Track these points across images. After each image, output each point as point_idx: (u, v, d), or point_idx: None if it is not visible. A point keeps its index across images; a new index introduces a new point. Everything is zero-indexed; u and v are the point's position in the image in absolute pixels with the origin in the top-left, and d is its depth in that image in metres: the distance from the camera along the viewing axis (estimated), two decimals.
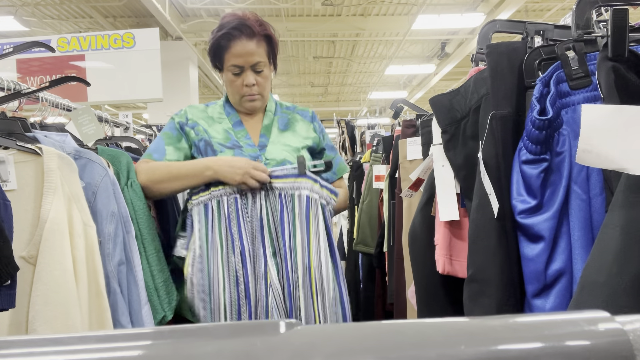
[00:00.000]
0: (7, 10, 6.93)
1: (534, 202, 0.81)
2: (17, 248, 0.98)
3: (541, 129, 0.79)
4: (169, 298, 1.40)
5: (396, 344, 0.24)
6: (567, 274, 0.79)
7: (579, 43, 0.82)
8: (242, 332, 0.26)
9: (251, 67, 1.50)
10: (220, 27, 1.49)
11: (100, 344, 0.25)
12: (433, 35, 8.87)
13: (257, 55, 1.48)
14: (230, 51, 1.47)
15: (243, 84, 1.51)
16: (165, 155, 1.49)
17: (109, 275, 1.20)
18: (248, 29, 1.46)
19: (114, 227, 1.23)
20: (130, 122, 2.51)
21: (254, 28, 1.46)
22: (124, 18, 7.85)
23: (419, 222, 1.17)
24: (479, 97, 0.97)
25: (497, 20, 1.16)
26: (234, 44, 1.46)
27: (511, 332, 0.25)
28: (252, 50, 1.47)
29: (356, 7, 7.70)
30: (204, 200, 1.43)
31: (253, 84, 1.51)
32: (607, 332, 0.25)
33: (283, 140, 1.56)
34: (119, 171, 1.38)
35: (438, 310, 1.11)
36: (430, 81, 11.34)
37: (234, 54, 1.47)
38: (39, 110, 1.64)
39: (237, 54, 1.47)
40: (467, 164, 1.01)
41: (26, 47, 1.33)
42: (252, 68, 1.50)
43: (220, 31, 1.47)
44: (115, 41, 3.97)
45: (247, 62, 1.48)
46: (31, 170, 1.10)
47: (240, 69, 1.50)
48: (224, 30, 1.47)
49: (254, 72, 1.51)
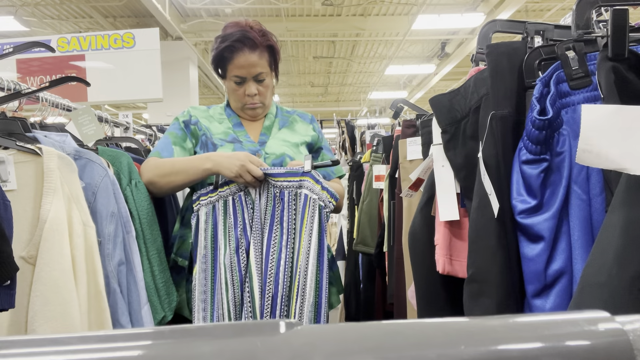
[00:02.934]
0: (7, 10, 6.93)
1: (534, 202, 0.81)
2: (16, 248, 0.98)
3: (541, 129, 0.79)
4: (169, 298, 1.40)
5: (396, 344, 0.24)
6: (567, 274, 0.79)
7: (579, 43, 0.82)
8: (242, 332, 0.26)
9: (253, 77, 1.52)
10: (223, 38, 1.50)
11: (100, 344, 0.25)
12: (433, 35, 8.87)
13: (260, 66, 1.50)
14: (233, 63, 1.49)
15: (245, 94, 1.53)
16: (173, 153, 1.50)
17: (109, 275, 1.20)
18: (250, 41, 1.47)
19: (114, 228, 1.23)
20: (130, 122, 2.50)
21: (256, 40, 1.48)
22: (124, 18, 7.85)
23: (419, 222, 1.17)
24: (479, 97, 0.97)
25: (497, 20, 1.16)
26: (237, 56, 1.48)
27: (511, 332, 0.25)
28: (254, 62, 1.49)
29: (356, 7, 7.70)
30: (212, 201, 1.43)
31: (255, 94, 1.53)
32: (607, 332, 0.25)
33: (282, 136, 1.58)
34: (119, 171, 1.38)
35: (438, 310, 1.11)
36: (430, 81, 11.34)
37: (236, 66, 1.49)
38: (39, 110, 1.64)
39: (240, 65, 1.49)
40: (467, 164, 1.01)
41: (26, 47, 1.33)
42: (254, 78, 1.52)
43: (223, 43, 1.48)
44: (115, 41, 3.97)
45: (249, 74, 1.51)
46: (31, 170, 1.10)
47: (243, 80, 1.52)
48: (227, 42, 1.48)
49: (256, 81, 1.53)
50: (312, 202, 1.39)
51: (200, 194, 1.46)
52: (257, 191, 1.42)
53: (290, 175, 1.40)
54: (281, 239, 1.38)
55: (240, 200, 1.41)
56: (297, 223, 1.38)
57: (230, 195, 1.42)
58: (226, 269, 1.37)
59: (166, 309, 1.38)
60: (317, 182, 1.40)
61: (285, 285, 1.34)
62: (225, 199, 1.42)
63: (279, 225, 1.38)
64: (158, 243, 1.40)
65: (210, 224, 1.42)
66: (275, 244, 1.37)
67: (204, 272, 1.39)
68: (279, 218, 1.39)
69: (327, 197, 1.42)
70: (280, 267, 1.35)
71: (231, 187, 1.42)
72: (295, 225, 1.38)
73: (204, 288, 1.39)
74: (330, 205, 1.43)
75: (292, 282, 1.35)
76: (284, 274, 1.35)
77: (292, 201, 1.40)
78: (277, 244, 1.37)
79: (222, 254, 1.38)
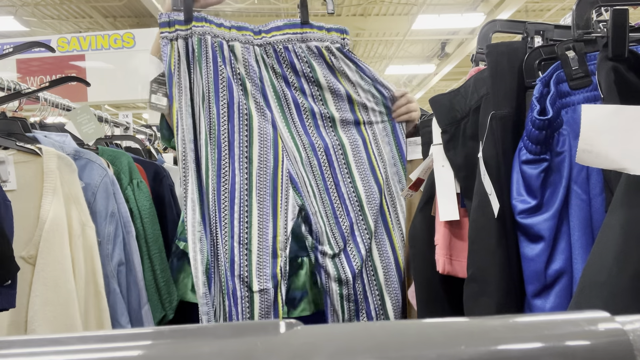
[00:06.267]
0: (7, 10, 6.93)
1: (534, 202, 0.81)
2: (16, 248, 0.98)
3: (541, 129, 0.79)
4: (170, 297, 1.40)
5: (396, 344, 0.24)
6: (567, 274, 0.79)
7: (579, 43, 0.82)
8: (242, 332, 0.26)
9: None
10: None
11: (100, 344, 0.25)
12: (433, 35, 8.86)
13: None
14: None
15: None
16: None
17: (109, 275, 1.20)
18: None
19: (114, 228, 1.24)
20: (130, 122, 2.51)
21: None
22: (124, 18, 7.85)
23: (419, 222, 1.17)
24: (479, 97, 0.97)
25: (497, 20, 1.16)
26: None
27: (511, 332, 0.25)
28: None
29: (356, 7, 7.70)
30: (182, 35, 1.19)
31: None
32: (607, 332, 0.25)
33: None
34: (120, 171, 1.38)
35: (438, 310, 1.11)
36: (430, 81, 11.34)
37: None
38: (39, 110, 1.64)
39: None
40: (467, 164, 1.01)
41: (26, 47, 1.33)
42: None
43: None
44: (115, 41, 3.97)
45: None
46: (31, 170, 1.10)
47: None
48: None
49: None
50: (327, 52, 1.22)
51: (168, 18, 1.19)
52: (250, 50, 1.22)
53: (290, 27, 1.24)
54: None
55: (221, 49, 1.20)
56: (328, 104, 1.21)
57: (209, 35, 1.20)
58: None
59: (167, 308, 1.38)
60: (321, 28, 1.25)
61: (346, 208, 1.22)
62: (201, 37, 1.20)
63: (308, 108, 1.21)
64: (159, 242, 1.40)
65: (185, 77, 1.20)
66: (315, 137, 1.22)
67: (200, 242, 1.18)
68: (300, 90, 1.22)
69: (337, 35, 1.25)
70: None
71: (212, 27, 1.20)
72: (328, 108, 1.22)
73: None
74: (347, 40, 1.26)
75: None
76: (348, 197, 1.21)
77: (305, 62, 1.22)
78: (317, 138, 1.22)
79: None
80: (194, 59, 1.19)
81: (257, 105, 1.21)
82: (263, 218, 1.16)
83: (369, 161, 1.28)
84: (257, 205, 1.16)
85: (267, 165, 1.19)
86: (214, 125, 1.17)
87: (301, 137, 1.24)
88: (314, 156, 1.24)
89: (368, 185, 1.27)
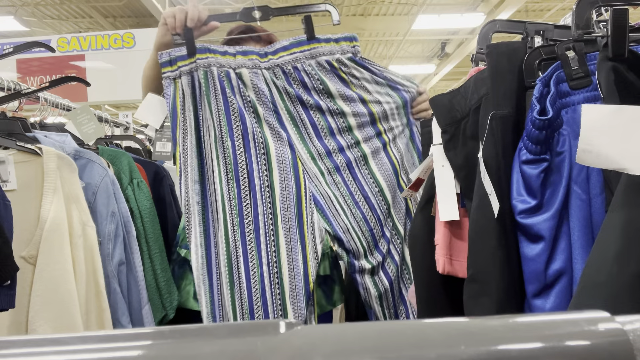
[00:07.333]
0: (7, 10, 6.93)
1: (534, 202, 0.81)
2: (17, 248, 0.99)
3: (541, 129, 0.79)
4: (170, 297, 1.40)
5: (396, 344, 0.24)
6: (567, 274, 0.79)
7: (579, 43, 0.82)
8: (243, 332, 0.26)
9: None
10: (228, 33, 1.51)
11: (100, 344, 0.25)
12: (433, 35, 8.87)
13: None
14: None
15: None
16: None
17: (109, 275, 1.20)
18: (254, 31, 1.47)
19: (114, 227, 1.24)
20: (130, 122, 2.51)
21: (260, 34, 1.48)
22: (124, 18, 7.85)
23: (419, 222, 1.17)
24: (479, 97, 0.97)
25: (497, 20, 1.16)
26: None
27: (511, 332, 0.25)
28: None
29: (356, 7, 7.69)
30: (189, 70, 1.18)
31: None
32: (607, 332, 0.25)
33: None
34: (120, 171, 1.38)
35: (438, 310, 1.11)
36: (430, 81, 11.34)
37: None
38: (39, 110, 1.64)
39: None
40: (467, 164, 1.01)
41: (26, 47, 1.33)
42: None
43: (228, 36, 1.49)
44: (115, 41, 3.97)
45: None
46: (31, 170, 1.10)
47: None
48: (232, 35, 1.48)
49: None
50: (337, 64, 1.19)
51: (170, 56, 1.17)
52: (258, 74, 1.20)
53: (298, 45, 1.22)
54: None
55: (229, 78, 1.18)
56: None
57: (215, 66, 1.18)
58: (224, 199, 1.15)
59: (168, 308, 1.38)
60: (328, 41, 1.22)
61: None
62: (206, 70, 1.18)
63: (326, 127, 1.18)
64: (160, 242, 1.40)
65: (191, 107, 1.17)
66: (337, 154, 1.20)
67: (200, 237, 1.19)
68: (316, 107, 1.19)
69: (347, 45, 1.22)
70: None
71: (217, 57, 1.17)
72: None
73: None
74: (357, 48, 1.22)
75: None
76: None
77: (316, 79, 1.19)
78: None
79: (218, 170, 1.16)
80: (201, 94, 1.17)
81: (271, 129, 1.19)
82: (291, 245, 1.15)
83: (392, 166, 1.27)
84: (284, 232, 1.15)
85: (290, 190, 1.17)
86: (229, 159, 1.15)
87: (321, 156, 1.22)
88: (337, 173, 1.22)
89: (393, 191, 1.27)
